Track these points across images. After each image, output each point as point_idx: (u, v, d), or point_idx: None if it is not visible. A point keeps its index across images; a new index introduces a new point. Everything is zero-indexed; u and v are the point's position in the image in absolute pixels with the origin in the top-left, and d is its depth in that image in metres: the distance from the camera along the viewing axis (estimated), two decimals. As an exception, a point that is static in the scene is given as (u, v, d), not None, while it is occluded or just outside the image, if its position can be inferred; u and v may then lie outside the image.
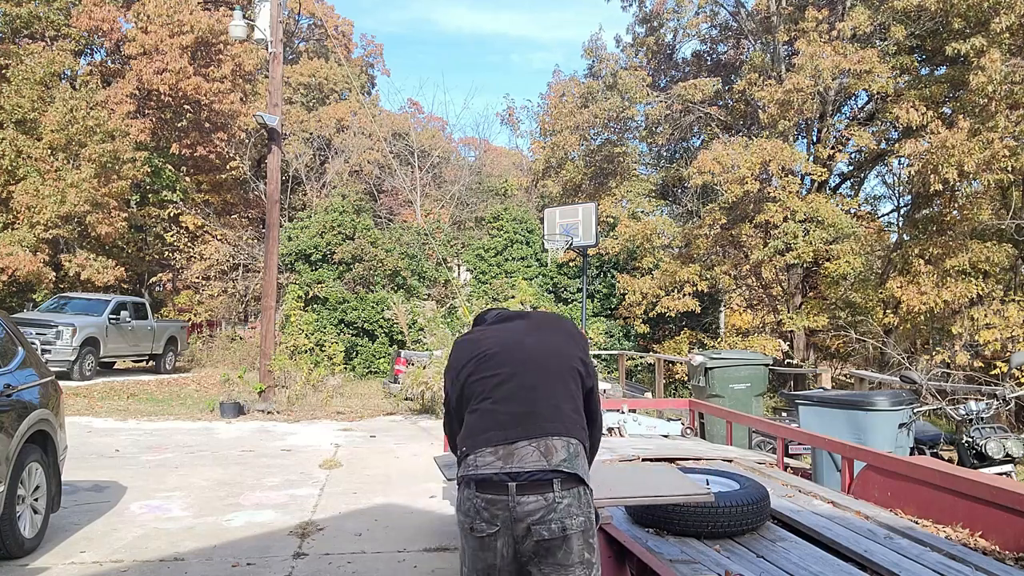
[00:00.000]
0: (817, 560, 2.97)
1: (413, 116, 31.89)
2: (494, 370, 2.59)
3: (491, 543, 2.41)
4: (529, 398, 2.53)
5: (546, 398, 2.54)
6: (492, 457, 2.44)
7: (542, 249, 18.96)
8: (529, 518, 2.37)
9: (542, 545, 2.37)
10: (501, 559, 2.42)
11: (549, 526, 2.36)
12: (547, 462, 2.42)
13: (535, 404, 2.52)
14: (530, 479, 2.39)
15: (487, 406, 2.55)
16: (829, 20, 15.12)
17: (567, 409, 2.56)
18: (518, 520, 2.37)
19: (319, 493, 7.01)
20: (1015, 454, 5.03)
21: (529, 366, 2.59)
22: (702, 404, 7.39)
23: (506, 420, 2.50)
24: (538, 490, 2.38)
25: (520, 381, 2.56)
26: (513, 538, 2.39)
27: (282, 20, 13.55)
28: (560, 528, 2.37)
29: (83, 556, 5.04)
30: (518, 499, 2.37)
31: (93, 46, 24.45)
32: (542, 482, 2.39)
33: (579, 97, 18.85)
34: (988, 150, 11.58)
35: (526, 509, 2.37)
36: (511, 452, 2.44)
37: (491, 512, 2.39)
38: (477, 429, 2.54)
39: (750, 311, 19.81)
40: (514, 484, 2.38)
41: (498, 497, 2.39)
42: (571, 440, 2.48)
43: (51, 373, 5.85)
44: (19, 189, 17.62)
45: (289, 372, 13.70)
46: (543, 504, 2.37)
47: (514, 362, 2.60)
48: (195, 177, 24.24)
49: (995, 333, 12.11)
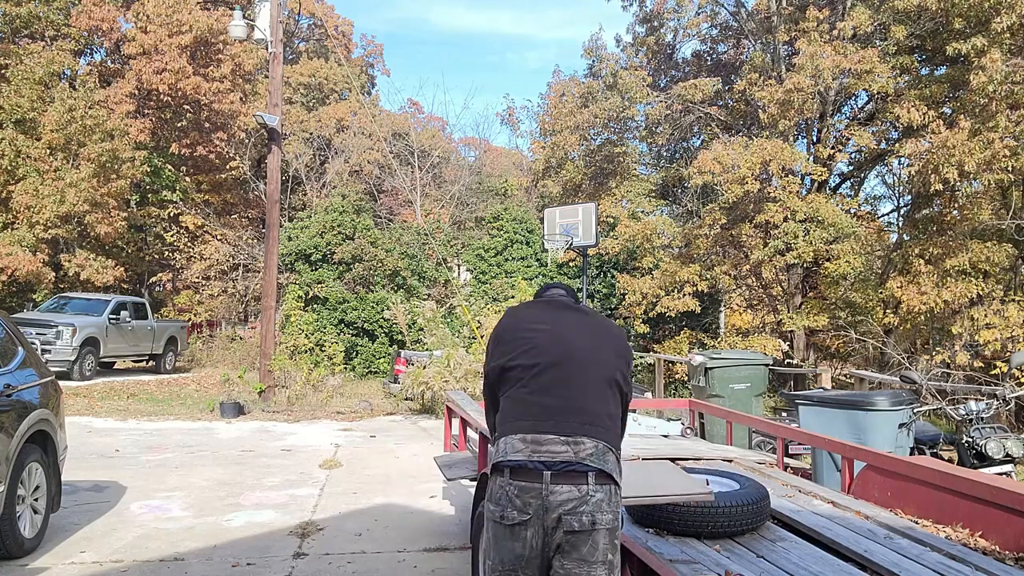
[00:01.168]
0: (817, 560, 2.97)
1: (413, 116, 31.92)
2: (538, 358, 2.58)
3: (521, 532, 2.38)
4: (567, 395, 2.53)
5: (584, 399, 2.54)
6: (519, 443, 2.44)
7: (542, 249, 18.96)
8: (561, 508, 2.35)
9: (570, 538, 2.36)
10: (530, 550, 2.39)
11: (580, 518, 2.35)
12: (575, 455, 2.42)
13: (571, 402, 2.52)
14: (565, 469, 2.38)
15: (523, 395, 2.55)
16: (829, 20, 15.11)
17: (602, 414, 2.55)
18: (550, 510, 2.36)
19: (319, 493, 7.01)
20: (1015, 454, 5.03)
21: (574, 364, 2.58)
22: (702, 404, 7.39)
23: (539, 412, 2.50)
24: (572, 480, 2.38)
25: (562, 376, 2.55)
26: (543, 528, 2.37)
27: (282, 20, 13.55)
28: (590, 521, 2.36)
29: (83, 556, 5.04)
30: (552, 488, 2.36)
31: (93, 46, 24.46)
32: (577, 473, 2.39)
33: (579, 97, 18.83)
34: (988, 150, 11.57)
35: (559, 499, 2.36)
36: (540, 441, 2.44)
37: (523, 500, 2.37)
38: (511, 415, 2.53)
39: (750, 311, 19.81)
40: (549, 472, 2.37)
41: (532, 485, 2.38)
42: (600, 441, 2.48)
43: (51, 373, 5.84)
44: (18, 189, 17.62)
45: (289, 372, 13.71)
46: (576, 495, 2.36)
47: (560, 356, 2.59)
48: (195, 177, 24.24)
49: (995, 333, 12.10)
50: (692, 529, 3.22)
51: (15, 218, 17.89)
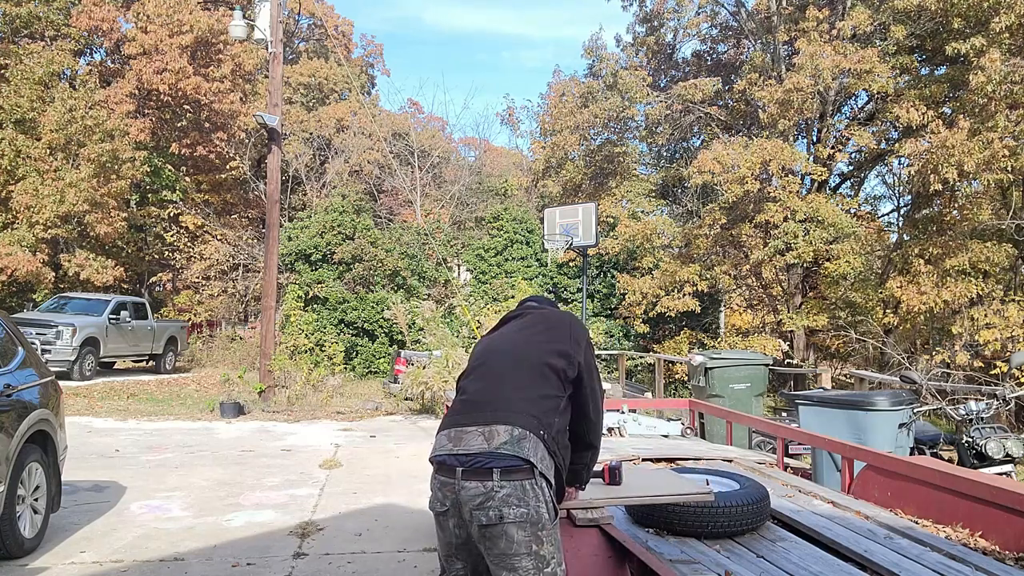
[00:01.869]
0: (817, 560, 2.97)
1: (413, 116, 31.91)
2: (475, 363, 2.78)
3: (445, 522, 2.55)
4: (490, 388, 2.65)
5: (505, 388, 2.62)
6: (445, 439, 2.57)
7: (542, 249, 18.96)
8: (470, 503, 2.45)
9: (484, 531, 2.45)
10: (456, 538, 2.54)
11: (487, 513, 2.43)
12: (488, 445, 2.48)
13: (493, 393, 2.62)
14: (473, 465, 2.47)
15: (460, 397, 2.72)
16: (829, 20, 15.12)
17: (523, 397, 2.59)
18: (462, 504, 2.47)
19: (319, 493, 7.01)
20: (1015, 454, 5.03)
21: (502, 357, 2.72)
22: (702, 404, 7.39)
23: (466, 407, 2.64)
24: (479, 477, 2.46)
25: (488, 371, 2.71)
26: (461, 519, 2.50)
27: (282, 20, 13.55)
28: (497, 516, 2.42)
29: (83, 556, 5.04)
30: (462, 484, 2.46)
31: (93, 46, 24.45)
32: (483, 469, 2.46)
33: (579, 97, 18.84)
34: (988, 150, 11.58)
35: (468, 494, 2.46)
36: (460, 436, 2.54)
37: (443, 493, 2.52)
38: (449, 414, 2.70)
39: (750, 311, 19.82)
40: (460, 469, 2.47)
41: (448, 480, 2.50)
42: (516, 427, 2.51)
43: (51, 373, 5.84)
44: (18, 189, 17.61)
45: (289, 372, 13.70)
46: (482, 491, 2.44)
47: (491, 354, 2.76)
48: (195, 177, 24.24)
49: (995, 333, 12.11)
50: (692, 529, 3.22)
51: (15, 218, 17.88)
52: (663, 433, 6.05)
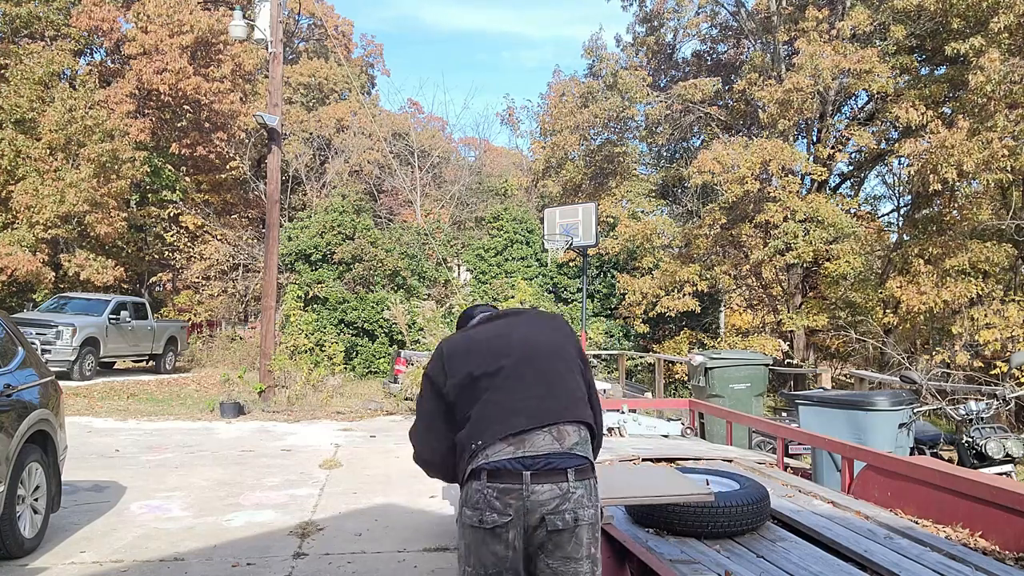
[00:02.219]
0: (817, 560, 2.97)
1: (413, 116, 31.91)
2: (497, 363, 2.53)
3: (502, 534, 2.34)
4: (539, 385, 2.50)
5: (556, 385, 2.52)
6: (504, 444, 2.39)
7: (542, 249, 18.96)
8: (543, 508, 2.32)
9: (553, 536, 2.33)
10: (513, 551, 2.35)
11: (563, 516, 2.32)
12: (560, 445, 2.39)
13: (546, 391, 2.49)
14: (545, 467, 2.35)
15: (497, 398, 2.49)
16: (829, 20, 15.12)
17: (577, 396, 2.55)
18: (531, 510, 2.32)
19: (319, 493, 7.00)
20: (1015, 454, 5.03)
21: (534, 356, 2.56)
22: (702, 404, 7.39)
23: (519, 408, 2.45)
24: (552, 478, 2.34)
25: (527, 370, 2.52)
26: (524, 529, 2.34)
27: (282, 20, 13.55)
28: (573, 519, 2.33)
29: (83, 556, 5.04)
30: (532, 487, 2.32)
31: (93, 46, 24.45)
32: (556, 470, 2.36)
33: (579, 97, 18.84)
34: (987, 150, 11.58)
35: (540, 498, 2.32)
36: (522, 439, 2.40)
37: (503, 502, 2.33)
38: (487, 421, 2.46)
39: (750, 311, 19.82)
40: (528, 473, 2.34)
41: (511, 486, 2.33)
42: (581, 426, 2.48)
43: (51, 373, 5.84)
44: (18, 189, 17.61)
45: (289, 372, 13.69)
46: (557, 493, 2.33)
47: (518, 353, 2.56)
48: (195, 177, 24.25)
49: (995, 333, 12.11)
50: (692, 529, 3.22)
51: (15, 218, 17.89)
52: (663, 433, 6.05)
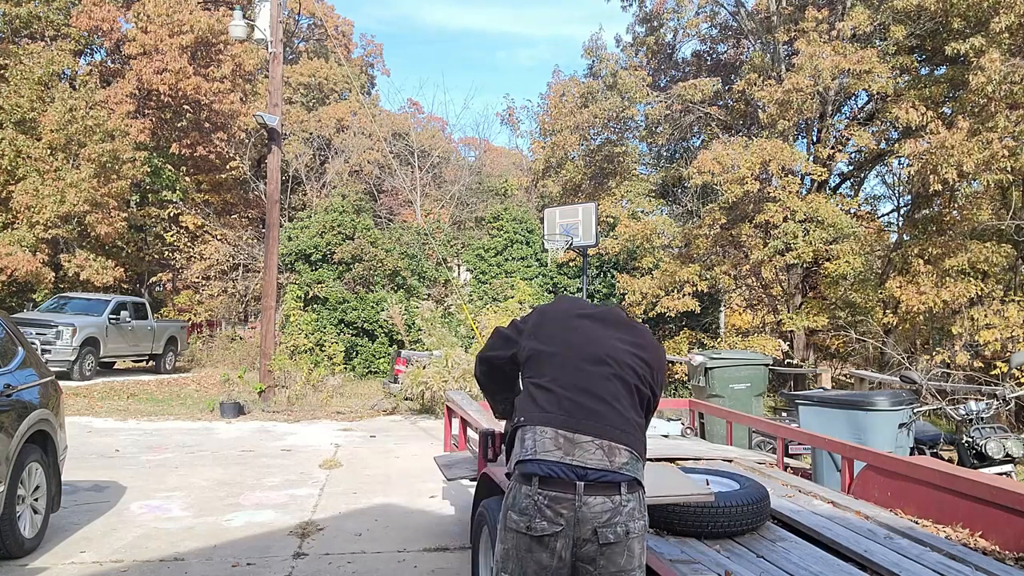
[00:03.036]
0: (817, 560, 2.97)
1: (413, 116, 31.90)
2: (570, 353, 2.51)
3: (551, 543, 2.30)
4: (600, 395, 2.45)
5: (615, 401, 2.47)
6: (552, 445, 2.35)
7: (542, 249, 18.96)
8: (596, 520, 2.29)
9: (605, 549, 2.30)
10: (559, 560, 2.31)
11: (615, 529, 2.30)
12: (610, 463, 2.36)
13: (604, 403, 2.45)
14: (598, 479, 2.33)
15: (553, 385, 2.46)
16: (829, 20, 15.11)
17: (632, 418, 2.49)
18: (583, 522, 2.29)
19: (319, 493, 7.01)
20: (1015, 454, 5.03)
21: (610, 366, 2.51)
22: (702, 404, 7.39)
23: (572, 407, 2.41)
24: (605, 491, 2.32)
25: (595, 374, 2.48)
26: (574, 540, 2.30)
27: (282, 20, 13.55)
28: (624, 532, 2.32)
29: (83, 556, 5.04)
30: (585, 499, 2.29)
31: (93, 46, 24.45)
32: (610, 483, 2.33)
33: (579, 97, 18.82)
34: (987, 150, 11.57)
35: (595, 510, 2.30)
36: (573, 443, 2.35)
37: (555, 511, 2.29)
38: (542, 404, 2.43)
39: (750, 311, 19.81)
40: (582, 484, 2.30)
41: (564, 495, 2.29)
42: (634, 451, 2.43)
43: (51, 373, 5.84)
44: (18, 189, 17.62)
45: (289, 372, 13.70)
46: (610, 506, 2.31)
47: (593, 354, 2.52)
48: (195, 177, 24.24)
49: (995, 333, 12.10)
50: (692, 529, 3.22)
51: (15, 218, 17.89)
52: (663, 433, 6.04)
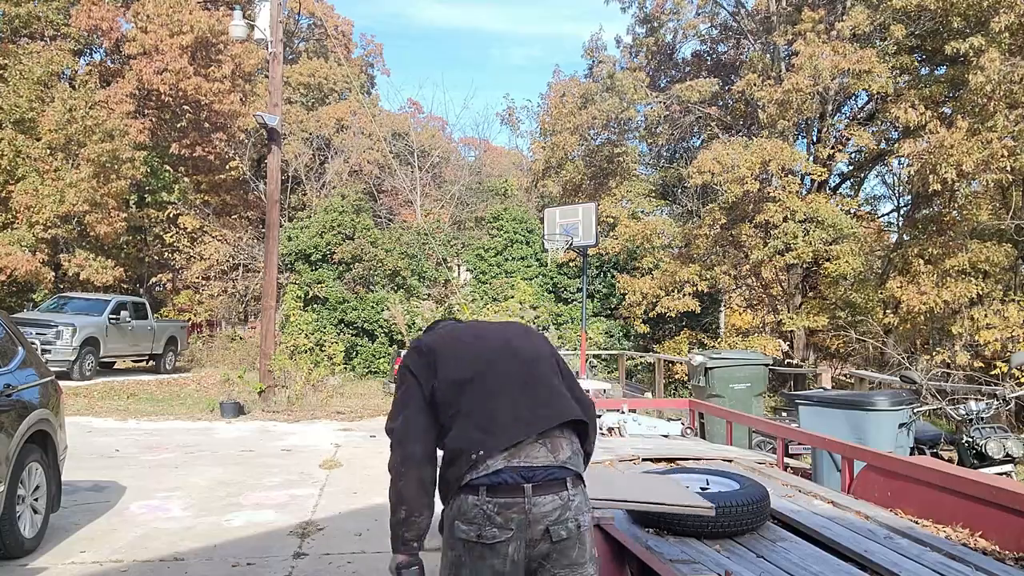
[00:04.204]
0: (817, 560, 2.97)
1: (413, 116, 31.91)
2: (485, 366, 2.46)
3: (503, 548, 2.28)
4: (529, 389, 2.44)
5: (542, 388, 2.46)
6: (498, 454, 2.32)
7: (542, 249, 18.95)
8: (547, 519, 2.29)
9: (558, 546, 2.31)
10: (511, 564, 2.30)
11: (567, 525, 2.31)
12: (555, 458, 2.35)
13: (535, 395, 2.43)
14: (545, 478, 2.32)
15: (489, 404, 2.41)
16: (828, 20, 15.11)
17: (563, 394, 2.49)
18: (535, 522, 2.29)
19: (319, 493, 7.01)
20: (1015, 454, 5.03)
21: (518, 360, 2.49)
22: (702, 404, 7.39)
23: (517, 415, 2.38)
24: (553, 489, 2.32)
25: (514, 375, 2.45)
26: (526, 542, 2.30)
27: (282, 20, 13.55)
28: (576, 526, 2.33)
29: (83, 556, 5.04)
30: (534, 500, 2.29)
31: (92, 46, 24.43)
32: (556, 480, 2.33)
33: (579, 98, 18.83)
34: (987, 150, 11.58)
35: (543, 510, 2.29)
36: (517, 448, 2.34)
37: (505, 517, 2.28)
38: (485, 429, 2.37)
39: (750, 311, 19.81)
40: (530, 486, 2.30)
41: (513, 500, 2.29)
42: (573, 435, 2.44)
43: (51, 373, 5.84)
44: (18, 189, 17.62)
45: (289, 372, 13.69)
46: (559, 503, 2.31)
47: (503, 356, 2.48)
48: (194, 177, 24.23)
49: (995, 333, 12.11)
50: (692, 529, 3.22)
51: (15, 218, 17.89)
52: (663, 433, 6.05)
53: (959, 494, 3.41)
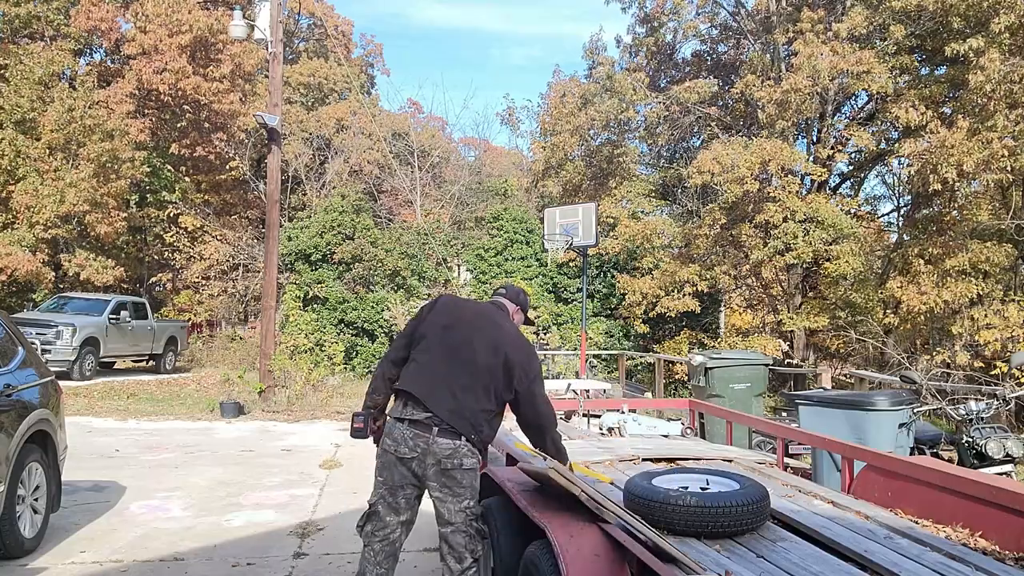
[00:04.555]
0: (817, 560, 2.97)
1: (413, 116, 31.90)
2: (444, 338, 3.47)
3: (409, 463, 3.41)
4: (450, 376, 3.40)
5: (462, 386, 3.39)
6: (418, 400, 3.40)
7: (542, 249, 18.95)
8: (441, 454, 3.35)
9: (445, 472, 3.36)
10: (412, 475, 3.42)
11: (452, 461, 3.36)
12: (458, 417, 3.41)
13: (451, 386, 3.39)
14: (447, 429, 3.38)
15: (425, 361, 3.45)
16: (827, 20, 15.11)
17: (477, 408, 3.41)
18: (430, 454, 3.36)
19: (319, 493, 7.01)
20: (1015, 454, 5.03)
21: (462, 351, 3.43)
22: (702, 404, 7.39)
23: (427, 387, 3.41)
24: (449, 436, 3.37)
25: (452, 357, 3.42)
26: (423, 464, 3.38)
27: (282, 20, 13.55)
28: (459, 464, 3.36)
29: (83, 556, 5.04)
30: (437, 440, 3.35)
31: (92, 46, 24.44)
32: (455, 431, 3.38)
33: (579, 98, 18.82)
34: (987, 150, 11.57)
35: (440, 448, 3.35)
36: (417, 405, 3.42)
37: (415, 443, 3.37)
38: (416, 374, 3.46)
39: (750, 311, 19.80)
40: (436, 428, 3.35)
41: (423, 434, 3.36)
42: (457, 438, 3.38)
43: (51, 373, 5.84)
44: (18, 189, 17.62)
45: (289, 372, 13.70)
46: (452, 447, 3.36)
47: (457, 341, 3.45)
48: (194, 177, 24.23)
49: (995, 333, 12.10)
50: (692, 529, 3.22)
51: (15, 218, 17.89)
52: (663, 433, 6.04)
53: (959, 494, 3.42)
